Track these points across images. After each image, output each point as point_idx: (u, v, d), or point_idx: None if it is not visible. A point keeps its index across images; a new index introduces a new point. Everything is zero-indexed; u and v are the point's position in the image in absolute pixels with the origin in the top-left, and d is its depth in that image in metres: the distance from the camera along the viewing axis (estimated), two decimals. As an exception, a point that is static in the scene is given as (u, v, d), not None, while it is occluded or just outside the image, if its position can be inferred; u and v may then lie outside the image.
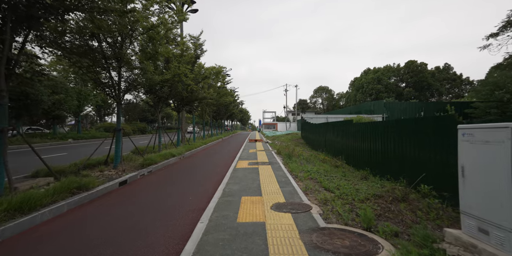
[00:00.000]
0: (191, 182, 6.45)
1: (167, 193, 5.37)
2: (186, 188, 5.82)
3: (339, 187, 5.33)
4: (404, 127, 5.88)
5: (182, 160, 10.80)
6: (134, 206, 4.52)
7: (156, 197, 5.10)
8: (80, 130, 19.49)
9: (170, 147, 13.98)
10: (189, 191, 5.53)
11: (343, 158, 10.28)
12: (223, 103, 26.93)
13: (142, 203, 4.68)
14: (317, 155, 12.40)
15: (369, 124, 8.04)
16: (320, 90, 69.14)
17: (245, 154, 12.06)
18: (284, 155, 10.89)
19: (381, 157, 6.96)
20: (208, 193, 5.33)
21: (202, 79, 15.26)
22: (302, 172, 7.15)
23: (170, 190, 5.63)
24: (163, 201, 4.76)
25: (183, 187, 5.93)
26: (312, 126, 17.12)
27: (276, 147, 14.71)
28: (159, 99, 11.94)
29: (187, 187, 5.98)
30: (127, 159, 9.37)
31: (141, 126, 29.34)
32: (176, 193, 5.41)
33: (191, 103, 16.02)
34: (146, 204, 4.61)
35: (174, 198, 5.01)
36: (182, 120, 18.33)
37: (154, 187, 5.96)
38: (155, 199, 4.94)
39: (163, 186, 6.10)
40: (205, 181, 6.59)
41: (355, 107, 34.13)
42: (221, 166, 9.02)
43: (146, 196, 5.17)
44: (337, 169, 8.72)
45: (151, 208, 4.35)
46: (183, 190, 5.62)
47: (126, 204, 4.61)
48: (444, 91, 41.97)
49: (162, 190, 5.66)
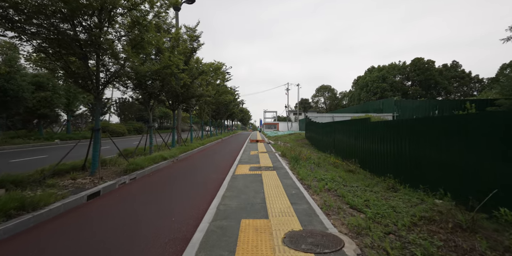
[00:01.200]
0: (178, 194, 5.23)
1: (145, 211, 4.14)
2: (170, 203, 4.59)
3: (367, 203, 4.09)
4: (448, 125, 4.62)
5: (175, 164, 9.58)
6: (89, 236, 3.29)
7: (128, 218, 3.87)
8: (69, 130, 18.27)
9: (164, 148, 12.78)
10: (173, 208, 4.30)
11: (357, 162, 9.06)
12: (222, 101, 25.71)
13: (104, 230, 3.43)
14: (326, 157, 11.17)
15: (393, 123, 6.79)
16: (323, 89, 67.71)
17: (246, 156, 10.83)
18: (290, 158, 9.66)
19: (410, 162, 5.72)
20: (198, 210, 4.10)
21: (199, 74, 14.03)
22: (315, 181, 5.91)
23: (150, 207, 4.40)
24: (135, 226, 3.53)
25: (168, 202, 4.70)
26: (319, 126, 15.88)
27: (280, 149, 13.48)
28: (150, 96, 10.72)
29: (173, 201, 4.75)
30: (111, 163, 8.16)
31: (137, 125, 28.11)
32: (156, 210, 4.18)
33: (188, 100, 14.81)
34: (109, 232, 3.37)
35: (152, 219, 3.78)
36: (178, 119, 17.12)
37: (130, 202, 4.73)
38: (125, 222, 3.70)
39: (142, 199, 4.87)
40: (197, 192, 5.36)
41: (361, 105, 32.75)
42: (218, 171, 7.79)
43: (114, 217, 3.93)
44: (353, 175, 7.49)
45: (112, 242, 3.11)
46: (166, 206, 4.40)
47: (79, 233, 3.37)
48: (452, 89, 40.50)
49: (139, 207, 4.43)
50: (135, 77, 9.09)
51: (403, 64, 45.10)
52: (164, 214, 3.97)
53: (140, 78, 9.03)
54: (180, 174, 7.49)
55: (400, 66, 44.77)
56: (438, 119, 5.10)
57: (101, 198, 5.01)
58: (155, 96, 11.11)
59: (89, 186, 5.63)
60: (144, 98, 10.66)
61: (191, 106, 18.38)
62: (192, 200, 4.73)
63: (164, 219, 3.77)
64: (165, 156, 9.62)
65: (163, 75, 10.13)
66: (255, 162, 9.05)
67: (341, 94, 66.58)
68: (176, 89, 11.54)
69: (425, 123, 5.36)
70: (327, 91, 67.24)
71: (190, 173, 7.56)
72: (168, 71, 10.13)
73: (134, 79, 9.32)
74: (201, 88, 21.08)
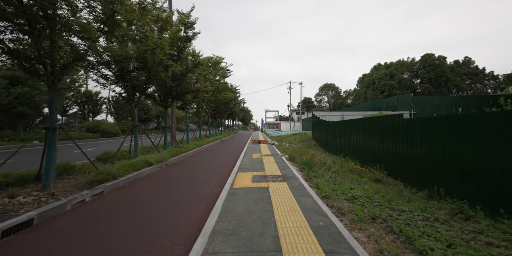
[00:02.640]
0: (146, 226, 3.55)
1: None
2: (126, 248, 2.92)
3: (456, 252, 2.39)
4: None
5: (162, 170, 7.92)
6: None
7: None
8: (55, 130, 16.75)
9: (154, 151, 11.15)
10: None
11: (383, 168, 7.41)
12: (222, 99, 24.05)
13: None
14: (342, 162, 9.48)
15: (451, 118, 5.05)
16: (326, 87, 65.78)
17: (247, 161, 9.16)
18: (301, 163, 7.98)
19: (479, 174, 4.03)
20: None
21: (194, 66, 12.37)
22: (346, 200, 4.23)
23: (94, 252, 2.74)
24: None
25: (124, 243, 3.03)
26: (329, 125, 14.17)
27: (286, 151, 11.79)
28: (134, 89, 9.08)
29: (133, 241, 3.08)
30: (80, 170, 6.51)
31: (132, 125, 26.48)
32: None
33: (182, 96, 13.17)
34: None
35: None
36: (172, 118, 15.49)
37: (72, 242, 3.06)
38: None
39: (92, 236, 3.21)
40: (175, 221, 3.69)
41: (371, 103, 30.82)
42: (212, 182, 6.13)
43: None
44: (384, 187, 5.83)
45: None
46: (120, 252, 2.73)
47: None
48: (464, 86, 38.50)
49: (77, 252, 2.76)
50: (114, 64, 7.44)
51: (411, 60, 43.10)
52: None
53: (119, 64, 7.37)
54: (163, 186, 5.82)
55: (409, 62, 42.79)
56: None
57: (30, 232, 3.35)
58: (141, 90, 9.46)
59: (28, 207, 4.00)
60: (127, 91, 9.01)
61: (187, 104, 16.73)
62: (163, 241, 3.04)
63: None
64: (150, 161, 7.97)
65: (150, 64, 8.48)
66: (259, 168, 7.37)
67: (345, 92, 64.66)
68: (166, 81, 9.88)
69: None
70: (331, 90, 65.31)
71: (176, 185, 5.90)
72: (155, 59, 8.48)
73: (112, 67, 7.67)
74: (198, 84, 19.49)
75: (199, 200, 4.61)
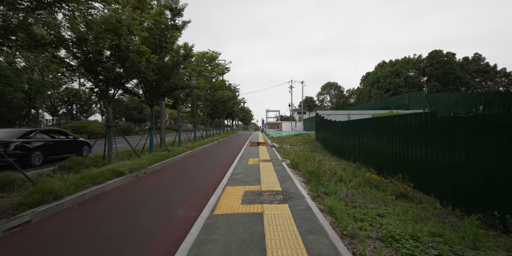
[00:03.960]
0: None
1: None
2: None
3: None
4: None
5: (134, 183, 6.45)
6: None
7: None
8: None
9: (134, 156, 9.72)
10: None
11: (407, 179, 5.95)
12: (219, 98, 22.55)
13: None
14: (353, 169, 7.99)
15: None
16: (328, 86, 64.05)
17: (241, 168, 7.69)
18: (306, 172, 6.48)
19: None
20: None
21: (184, 58, 10.90)
22: (379, 241, 2.74)
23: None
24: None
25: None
26: (335, 125, 12.67)
27: (287, 155, 10.30)
28: (106, 82, 7.62)
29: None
30: (24, 185, 5.08)
31: (124, 126, 25.04)
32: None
33: (170, 93, 11.71)
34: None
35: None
36: (161, 118, 14.04)
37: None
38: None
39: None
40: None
41: (379, 102, 29.08)
42: (188, 201, 4.65)
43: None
44: (411, 205, 4.39)
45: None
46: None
47: None
48: (475, 84, 36.71)
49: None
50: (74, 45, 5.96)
51: (418, 57, 41.36)
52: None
53: (81, 45, 5.89)
54: (122, 208, 4.35)
55: (415, 60, 41.06)
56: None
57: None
58: (117, 85, 8.00)
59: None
60: (97, 85, 7.54)
61: (179, 102, 15.26)
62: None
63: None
64: (121, 170, 6.49)
65: (124, 52, 7.03)
66: (254, 180, 5.89)
67: (348, 91, 62.94)
68: (146, 74, 8.41)
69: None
70: (333, 89, 63.57)
71: (144, 205, 4.42)
72: (131, 47, 7.02)
73: (71, 49, 6.20)
74: (194, 81, 18.03)
75: (161, 238, 3.12)
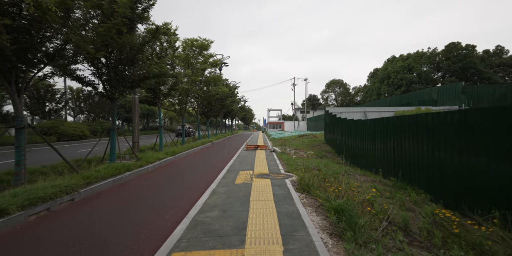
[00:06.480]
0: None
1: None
2: None
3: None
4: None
5: (41, 222, 3.69)
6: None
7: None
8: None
9: (86, 166, 7.06)
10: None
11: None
12: (214, 95, 19.75)
13: None
14: (392, 191, 5.17)
15: None
16: (333, 84, 60.87)
17: (221, 194, 4.94)
18: (330, 209, 3.68)
19: None
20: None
21: (152, 35, 8.14)
22: None
23: None
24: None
25: None
26: (352, 125, 9.86)
27: (293, 166, 7.50)
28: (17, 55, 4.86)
29: None
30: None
31: (108, 126, 22.40)
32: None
33: (139, 83, 8.95)
34: None
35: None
36: (134, 115, 11.28)
37: None
38: None
39: None
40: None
41: (397, 98, 25.91)
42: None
43: None
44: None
45: None
46: None
47: None
48: (498, 79, 33.51)
49: None
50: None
51: (433, 51, 38.19)
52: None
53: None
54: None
55: (430, 53, 37.90)
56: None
57: None
58: (22, 56, 5.20)
59: None
60: None
61: (160, 96, 12.51)
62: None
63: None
64: (8, 204, 3.75)
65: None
66: (235, 229, 3.11)
67: (354, 89, 59.78)
68: (82, 47, 5.65)
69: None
70: (339, 86, 60.39)
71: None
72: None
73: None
74: (183, 70, 15.29)
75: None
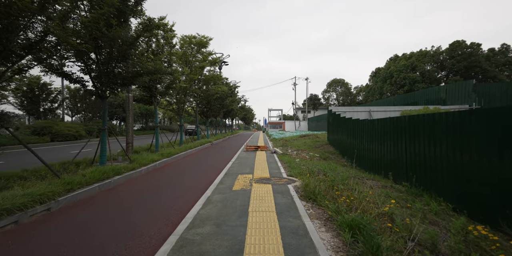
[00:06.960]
0: None
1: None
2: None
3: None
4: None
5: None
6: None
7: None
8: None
9: (63, 172, 6.51)
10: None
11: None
12: (213, 94, 19.22)
13: None
14: (407, 198, 4.60)
15: None
16: (335, 83, 60.22)
17: (216, 203, 4.38)
18: (342, 225, 3.11)
19: None
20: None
21: (144, 28, 7.58)
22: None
23: None
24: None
25: None
26: (358, 126, 9.29)
27: (296, 169, 6.92)
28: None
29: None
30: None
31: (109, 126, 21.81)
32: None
33: (132, 80, 8.40)
34: None
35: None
36: (129, 114, 10.74)
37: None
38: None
39: None
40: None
41: (402, 97, 25.22)
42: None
43: None
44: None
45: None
46: None
47: None
48: (503, 78, 32.87)
49: None
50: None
51: (436, 49, 37.54)
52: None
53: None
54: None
55: (433, 52, 37.24)
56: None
57: None
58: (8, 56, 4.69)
59: None
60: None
61: (156, 95, 11.97)
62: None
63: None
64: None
65: None
66: (234, 244, 2.54)
67: (355, 88, 59.14)
68: (65, 38, 5.11)
69: None
70: (340, 86, 59.74)
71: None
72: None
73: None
74: (180, 68, 14.74)
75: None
